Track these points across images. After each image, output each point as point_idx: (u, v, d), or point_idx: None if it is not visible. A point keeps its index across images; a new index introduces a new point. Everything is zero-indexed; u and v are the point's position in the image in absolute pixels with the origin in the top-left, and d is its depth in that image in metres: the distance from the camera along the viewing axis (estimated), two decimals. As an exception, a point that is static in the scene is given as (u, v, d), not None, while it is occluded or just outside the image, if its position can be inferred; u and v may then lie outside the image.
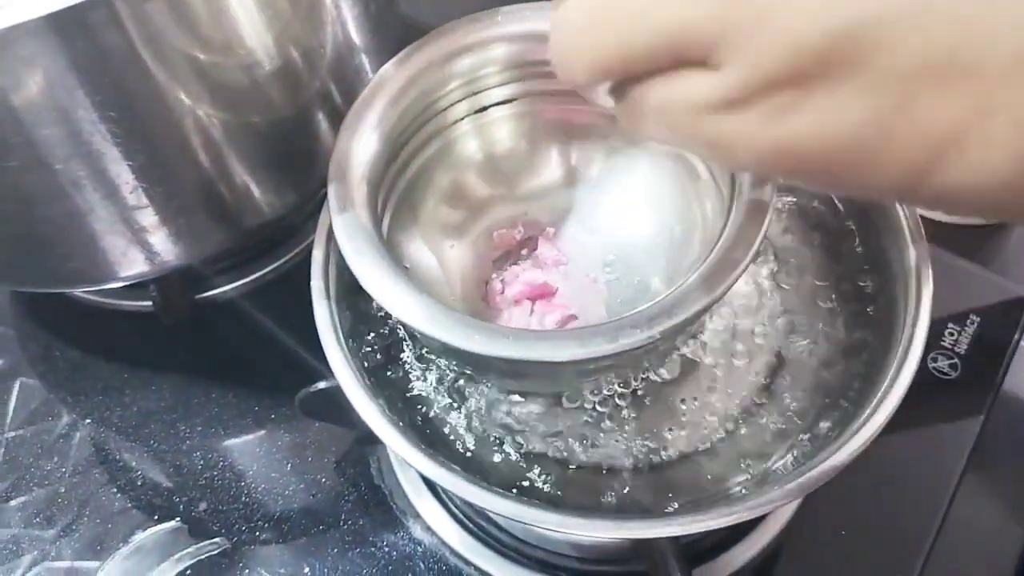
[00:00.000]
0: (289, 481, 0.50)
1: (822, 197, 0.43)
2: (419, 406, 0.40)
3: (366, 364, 0.40)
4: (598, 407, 0.39)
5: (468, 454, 0.38)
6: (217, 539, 0.48)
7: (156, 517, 0.50)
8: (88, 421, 0.54)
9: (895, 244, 0.39)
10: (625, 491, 0.37)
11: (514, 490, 0.37)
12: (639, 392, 0.39)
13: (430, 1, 0.70)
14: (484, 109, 0.43)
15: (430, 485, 0.48)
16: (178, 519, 0.49)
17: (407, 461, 0.35)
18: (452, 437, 0.39)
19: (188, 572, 0.47)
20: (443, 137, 0.43)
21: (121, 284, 0.49)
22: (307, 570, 0.47)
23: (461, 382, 0.41)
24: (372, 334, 0.42)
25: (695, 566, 0.42)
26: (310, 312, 0.39)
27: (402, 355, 0.41)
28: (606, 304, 0.43)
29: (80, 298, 0.59)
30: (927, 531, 0.45)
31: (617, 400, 0.39)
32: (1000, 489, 0.49)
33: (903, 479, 0.47)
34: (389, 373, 0.41)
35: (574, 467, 0.38)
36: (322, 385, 0.43)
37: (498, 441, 0.39)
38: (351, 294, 0.42)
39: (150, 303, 0.54)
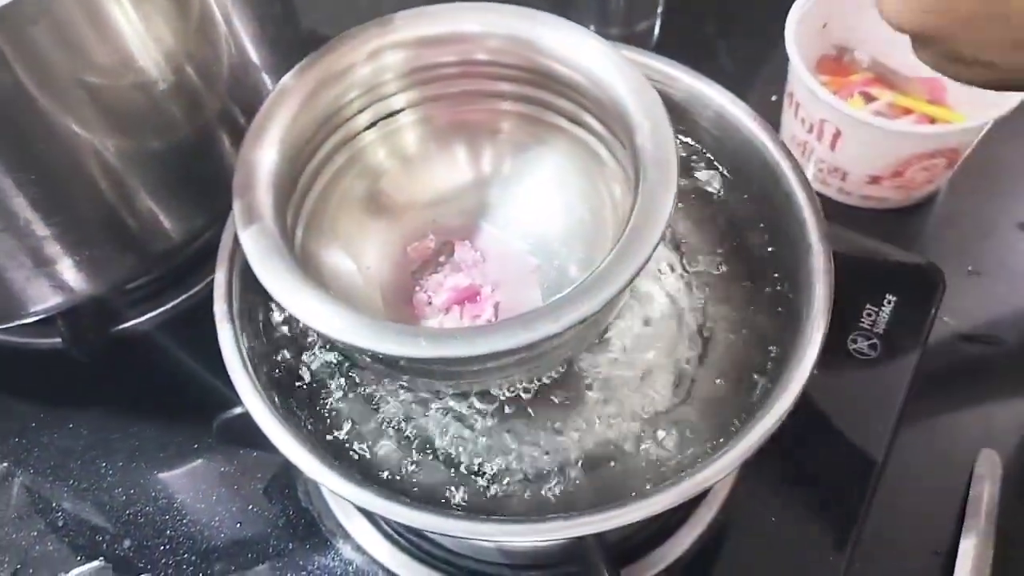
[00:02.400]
0: (215, 511, 0.49)
1: (734, 197, 0.44)
2: (336, 423, 0.39)
3: (281, 384, 0.40)
4: (507, 409, 0.39)
5: (386, 469, 0.38)
6: (143, 576, 0.47)
7: (80, 558, 0.48)
8: (5, 464, 0.52)
9: (800, 235, 0.39)
10: (545, 494, 0.37)
11: (435, 501, 0.37)
12: (554, 391, 0.39)
13: (331, 13, 0.70)
14: (387, 117, 0.42)
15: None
16: (102, 559, 0.48)
17: (320, 482, 0.34)
18: (369, 453, 0.38)
19: (113, 612, 0.46)
20: (350, 147, 0.43)
21: (30, 319, 0.47)
22: (237, 601, 0.46)
23: (378, 394, 0.40)
24: (284, 352, 0.41)
25: (625, 565, 0.42)
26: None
27: (317, 371, 0.41)
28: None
29: (-11, 339, 0.57)
30: (855, 514, 0.45)
31: (531, 402, 0.39)
32: (925, 464, 0.50)
33: (829, 462, 0.47)
34: (305, 391, 0.40)
35: (493, 473, 0.38)
36: (238, 411, 0.42)
37: (416, 451, 0.38)
38: (261, 314, 0.41)
39: (60, 339, 0.53)
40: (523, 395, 0.39)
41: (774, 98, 0.63)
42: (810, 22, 0.58)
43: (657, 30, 0.69)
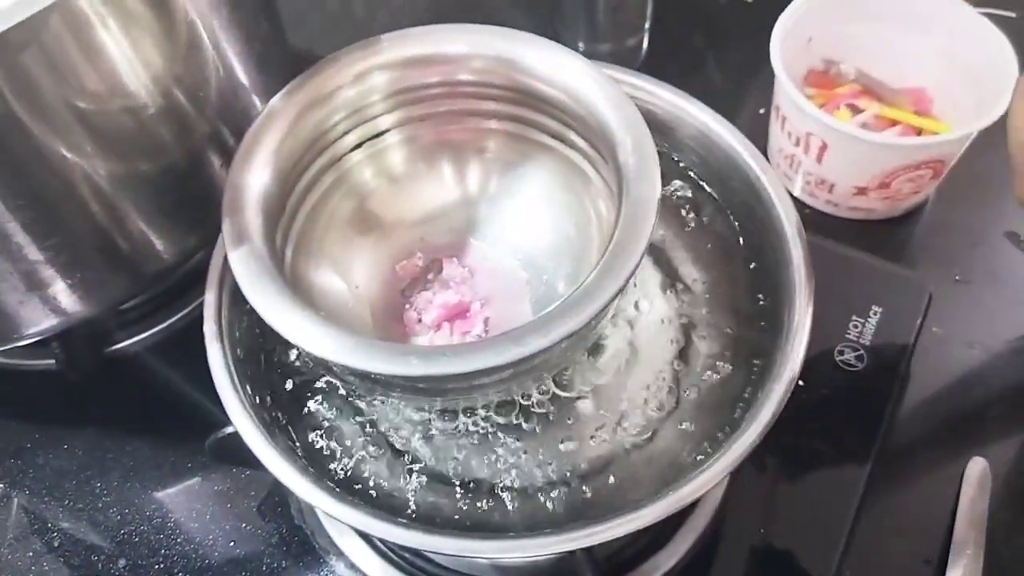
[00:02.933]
0: (209, 530, 0.49)
1: (716, 211, 0.44)
2: (328, 440, 0.40)
3: (272, 402, 0.40)
4: (499, 425, 0.39)
5: (376, 487, 0.38)
6: (137, 596, 0.47)
7: (75, 579, 0.49)
8: (1, 486, 0.52)
9: (781, 249, 0.39)
10: (538, 508, 0.37)
11: (426, 519, 0.37)
12: (543, 405, 0.40)
13: (318, 33, 0.70)
14: (373, 137, 0.43)
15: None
16: (97, 578, 0.48)
17: (309, 502, 0.34)
18: (360, 470, 0.39)
19: (108, 633, 0.46)
20: (337, 168, 0.43)
21: (24, 342, 0.48)
22: (231, 619, 0.46)
23: (369, 410, 0.40)
24: (276, 371, 0.41)
25: (614, 578, 0.43)
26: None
27: (308, 388, 0.41)
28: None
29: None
30: (843, 521, 0.46)
31: (521, 417, 0.39)
32: (915, 473, 0.50)
33: (818, 472, 0.48)
34: (296, 411, 0.40)
35: (486, 488, 0.38)
36: (230, 429, 0.42)
37: (407, 467, 0.39)
38: (251, 334, 0.41)
39: (54, 361, 0.53)
40: (514, 410, 0.39)
41: (762, 111, 0.64)
42: (795, 37, 0.58)
43: (645, 45, 0.70)
